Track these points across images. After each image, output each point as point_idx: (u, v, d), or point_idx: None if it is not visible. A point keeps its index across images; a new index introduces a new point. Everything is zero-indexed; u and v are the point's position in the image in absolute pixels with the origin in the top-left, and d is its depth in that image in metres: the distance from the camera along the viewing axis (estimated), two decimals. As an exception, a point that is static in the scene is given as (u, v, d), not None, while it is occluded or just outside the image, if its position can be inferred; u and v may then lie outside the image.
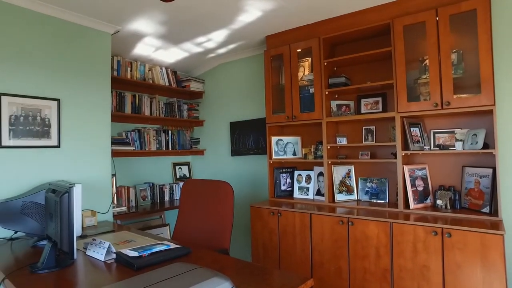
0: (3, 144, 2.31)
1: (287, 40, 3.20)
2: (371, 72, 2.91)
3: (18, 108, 2.38)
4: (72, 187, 1.66)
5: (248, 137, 3.77)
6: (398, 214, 2.40)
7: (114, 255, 1.73)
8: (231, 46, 3.57)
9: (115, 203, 3.32)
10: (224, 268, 1.59)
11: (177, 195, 4.06)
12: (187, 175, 4.35)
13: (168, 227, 3.71)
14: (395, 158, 2.57)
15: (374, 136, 2.83)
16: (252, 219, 3.01)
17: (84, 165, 2.71)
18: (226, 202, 2.25)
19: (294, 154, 3.25)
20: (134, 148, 3.53)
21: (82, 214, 2.50)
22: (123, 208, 3.32)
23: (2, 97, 2.31)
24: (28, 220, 2.05)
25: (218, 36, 3.25)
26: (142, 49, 3.44)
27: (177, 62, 3.95)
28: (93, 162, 2.76)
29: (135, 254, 1.66)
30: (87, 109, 2.74)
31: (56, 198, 1.67)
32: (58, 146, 2.57)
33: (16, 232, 2.21)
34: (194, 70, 4.31)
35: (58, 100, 2.57)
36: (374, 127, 2.85)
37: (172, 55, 3.68)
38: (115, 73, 3.30)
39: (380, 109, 2.81)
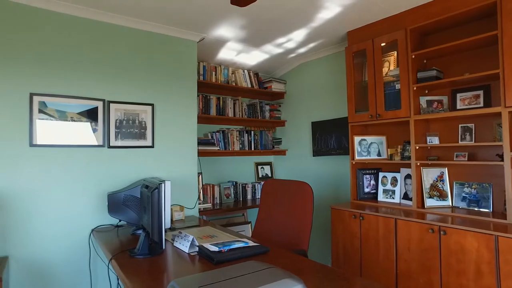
0: (111, 144, 2.67)
1: (369, 34, 3.02)
2: (469, 62, 2.56)
3: (122, 113, 2.73)
4: (162, 183, 1.83)
5: (330, 137, 3.68)
6: (507, 227, 2.06)
7: (197, 248, 1.85)
8: (311, 45, 3.52)
9: (201, 199, 3.56)
10: (301, 270, 1.58)
11: (259, 194, 4.17)
12: (269, 175, 4.43)
13: (250, 225, 3.83)
14: (502, 160, 2.22)
15: (473, 135, 2.48)
16: (332, 221, 2.93)
17: (174, 163, 2.97)
18: (306, 203, 2.23)
19: (379, 154, 3.05)
20: (218, 148, 3.73)
21: (171, 209, 2.75)
22: (208, 205, 3.54)
23: (111, 104, 2.68)
24: (128, 211, 2.34)
25: (298, 35, 3.23)
26: (225, 54, 3.62)
27: (259, 64, 4.05)
28: (181, 161, 3.01)
29: (216, 249, 1.75)
30: (176, 112, 3.00)
31: (148, 193, 1.87)
32: (152, 147, 2.86)
33: (120, 221, 2.53)
34: (276, 71, 4.37)
35: (152, 105, 2.86)
36: (473, 124, 2.50)
37: (253, 57, 3.80)
38: (201, 77, 3.54)
39: (482, 104, 2.45)
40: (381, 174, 3.02)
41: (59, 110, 2.47)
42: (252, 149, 4.08)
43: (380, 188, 3.00)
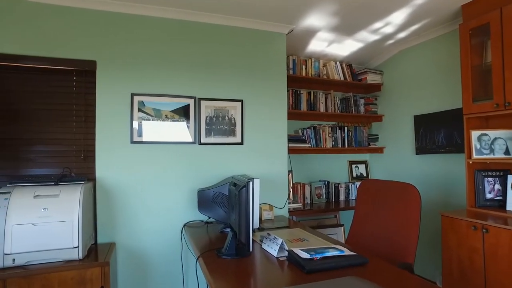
0: (202, 141, 2.71)
1: (495, 4, 2.46)
2: None
3: (212, 110, 2.75)
4: (250, 181, 1.73)
5: (437, 132, 3.16)
6: None
7: (286, 253, 1.71)
8: (414, 27, 3.07)
9: (291, 199, 3.42)
10: (409, 291, 1.30)
11: (353, 195, 3.85)
12: (364, 174, 4.06)
13: (342, 228, 3.54)
14: None
15: None
16: (443, 231, 2.47)
17: (263, 161, 2.89)
18: (412, 209, 1.90)
19: (507, 153, 2.48)
20: (309, 145, 3.54)
21: (260, 207, 2.66)
22: (298, 205, 3.38)
23: (201, 101, 2.72)
24: (217, 209, 2.32)
25: (398, 17, 2.84)
26: (316, 45, 3.40)
27: (352, 55, 3.72)
28: (271, 159, 2.91)
29: (307, 255, 1.58)
30: (266, 108, 2.91)
31: (236, 192, 1.79)
32: (242, 143, 2.82)
33: (209, 218, 2.54)
34: (371, 61, 3.98)
35: (241, 101, 2.82)
36: None
37: (346, 47, 3.50)
38: (290, 71, 3.39)
39: None
40: (510, 177, 2.45)
41: (155, 109, 2.59)
42: (346, 146, 3.77)
43: (510, 194, 2.43)
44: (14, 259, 1.92)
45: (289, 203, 3.10)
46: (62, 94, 2.44)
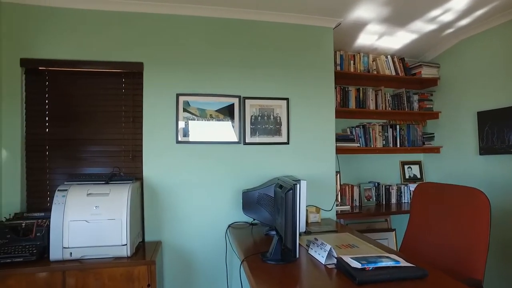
0: (247, 141, 2.67)
1: None
2: None
3: (257, 109, 2.70)
4: (297, 184, 1.64)
5: (507, 130, 2.83)
6: None
7: (335, 260, 1.60)
8: (478, 13, 2.77)
9: (339, 201, 3.26)
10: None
11: (405, 198, 3.59)
12: (418, 176, 3.77)
13: (394, 232, 3.32)
14: None
15: None
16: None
17: (310, 161, 2.77)
18: (480, 217, 1.69)
19: None
20: (358, 144, 3.36)
21: (307, 210, 2.56)
22: (347, 207, 3.22)
23: (246, 100, 2.68)
24: (262, 210, 2.26)
25: (460, 2, 2.57)
26: (365, 39, 3.21)
27: (405, 47, 3.47)
28: (318, 159, 2.79)
29: (358, 265, 1.46)
30: (312, 106, 2.79)
31: (282, 194, 1.71)
32: (287, 143, 2.74)
33: (254, 219, 2.49)
34: (426, 53, 3.68)
35: (287, 99, 2.74)
36: None
37: (398, 40, 3.26)
38: (338, 67, 3.24)
39: None
40: None
41: (200, 108, 2.59)
42: (398, 146, 3.52)
43: None
44: (71, 253, 2.02)
45: (336, 205, 2.96)
46: (112, 96, 2.53)
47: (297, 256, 1.61)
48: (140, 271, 2.03)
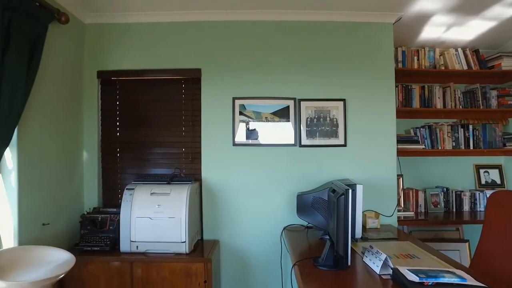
0: (302, 143, 2.65)
1: None
2: None
3: (312, 111, 2.66)
4: (349, 189, 1.59)
5: None
6: None
7: (390, 271, 1.51)
8: None
9: (401, 206, 3.06)
10: None
11: (481, 206, 3.24)
12: (498, 182, 3.37)
13: (467, 244, 3.02)
14: None
15: None
16: None
17: (368, 164, 2.66)
18: None
19: None
20: (424, 146, 3.12)
21: (364, 215, 2.45)
22: (410, 213, 3.01)
23: (301, 102, 2.66)
24: (317, 214, 2.22)
25: (548, -15, 2.25)
26: (430, 32, 2.96)
27: (479, 38, 3.12)
28: (377, 162, 2.66)
29: (415, 278, 1.36)
30: (371, 106, 2.67)
31: (334, 199, 1.67)
32: (345, 145, 2.65)
33: (308, 223, 2.46)
34: (507, 43, 3.27)
35: (344, 100, 2.66)
36: None
37: (471, 30, 2.95)
38: (399, 65, 3.04)
39: None
40: None
41: (256, 111, 2.64)
42: (471, 147, 3.19)
43: None
44: (137, 246, 2.21)
45: (398, 211, 2.79)
46: (174, 101, 2.70)
47: (349, 263, 1.56)
48: (197, 267, 2.14)
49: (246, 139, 2.64)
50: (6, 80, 1.78)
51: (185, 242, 2.18)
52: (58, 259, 1.88)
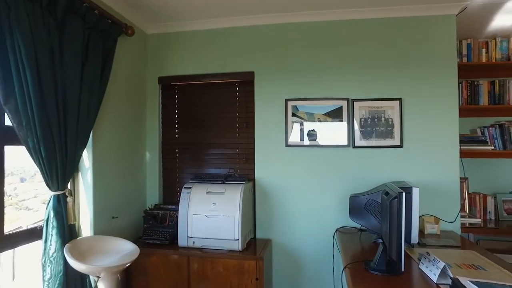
0: (356, 144, 2.60)
1: None
2: None
3: (366, 111, 2.59)
4: (402, 193, 1.54)
5: None
6: None
7: (450, 281, 1.43)
8: None
9: (466, 212, 2.84)
10: None
11: None
12: None
13: (547, 256, 2.70)
14: None
15: None
16: None
17: (427, 166, 2.51)
18: None
19: None
20: (493, 147, 2.86)
21: (423, 219, 2.33)
22: (477, 220, 2.78)
23: (355, 102, 2.61)
24: (370, 217, 2.16)
25: None
26: (502, 20, 2.69)
27: None
28: (437, 163, 2.50)
29: (477, 289, 1.28)
30: (429, 105, 2.52)
31: (387, 202, 1.63)
32: (401, 146, 2.54)
33: (361, 226, 2.40)
34: None
35: (399, 99, 2.54)
36: None
37: (553, 17, 2.63)
38: (464, 59, 2.82)
39: None
40: None
41: (308, 113, 2.65)
42: (552, 148, 2.85)
43: None
44: (194, 242, 2.35)
45: (462, 216, 2.59)
46: (228, 104, 2.81)
47: (403, 269, 1.50)
48: (250, 265, 2.22)
49: (299, 140, 2.65)
50: (85, 89, 2.02)
51: (238, 240, 2.27)
52: (125, 249, 2.08)
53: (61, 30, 1.87)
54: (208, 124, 2.86)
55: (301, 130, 2.65)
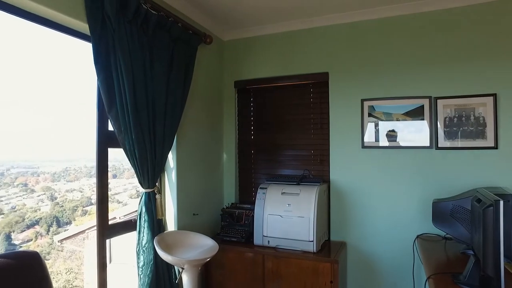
0: (439, 145, 2.41)
1: None
2: None
3: (452, 110, 2.39)
4: (500, 201, 1.39)
5: None
6: None
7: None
8: None
9: None
10: None
11: None
12: None
13: None
14: None
15: None
16: None
17: (529, 170, 2.22)
18: None
19: None
20: None
21: (523, 231, 2.06)
22: None
23: (438, 100, 2.42)
24: (457, 225, 1.99)
25: None
26: None
27: None
28: (543, 167, 2.20)
29: None
30: (533, 101, 2.23)
31: (479, 210, 1.49)
32: (495, 147, 2.29)
33: (446, 234, 2.22)
34: None
35: (494, 95, 2.29)
36: None
37: None
38: None
39: None
40: None
41: (386, 112, 2.53)
42: None
43: None
44: (269, 241, 2.42)
45: None
46: (302, 105, 2.83)
47: (502, 287, 1.36)
48: (324, 267, 2.20)
49: (376, 141, 2.55)
50: (170, 96, 2.22)
51: (312, 241, 2.27)
52: (206, 245, 2.23)
53: (151, 44, 2.08)
54: (283, 126, 2.90)
55: (378, 131, 2.55)
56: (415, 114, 2.47)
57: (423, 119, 2.45)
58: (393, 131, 2.52)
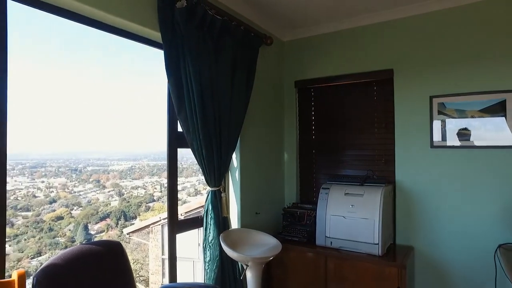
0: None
1: None
2: None
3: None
4: None
5: None
6: None
7: None
8: None
9: None
10: None
11: None
12: None
13: None
14: None
15: None
16: None
17: None
18: None
19: None
20: None
21: None
22: None
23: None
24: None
25: None
26: None
27: None
28: None
29: None
30: None
31: None
32: None
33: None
34: None
35: None
36: None
37: None
38: None
39: None
40: None
41: (458, 110, 2.35)
42: None
43: None
44: (331, 242, 2.38)
45: None
46: (365, 104, 2.74)
47: None
48: (390, 272, 2.11)
49: (448, 141, 2.38)
50: (234, 98, 2.29)
51: (378, 244, 2.19)
52: (269, 243, 2.26)
53: (216, 48, 2.16)
54: (345, 125, 2.84)
55: (447, 130, 2.37)
56: (494, 110, 2.26)
57: (504, 115, 2.22)
58: (465, 129, 2.33)
